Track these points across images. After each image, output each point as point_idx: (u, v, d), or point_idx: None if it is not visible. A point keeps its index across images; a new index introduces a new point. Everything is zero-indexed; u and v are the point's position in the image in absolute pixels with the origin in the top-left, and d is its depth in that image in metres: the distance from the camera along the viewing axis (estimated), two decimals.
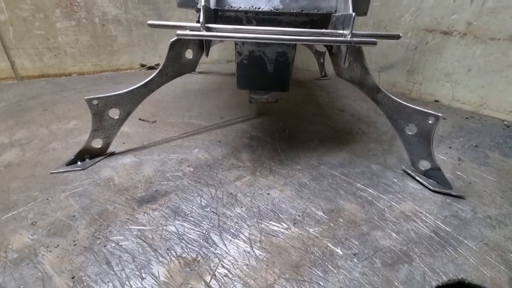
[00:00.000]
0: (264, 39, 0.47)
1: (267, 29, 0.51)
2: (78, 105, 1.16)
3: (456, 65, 1.34)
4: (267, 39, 0.47)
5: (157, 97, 1.31)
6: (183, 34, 0.47)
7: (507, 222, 0.61)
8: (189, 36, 0.48)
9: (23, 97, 1.23)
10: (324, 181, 0.73)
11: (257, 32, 0.50)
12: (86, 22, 1.57)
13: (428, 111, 0.69)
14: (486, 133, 1.09)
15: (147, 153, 0.82)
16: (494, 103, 1.26)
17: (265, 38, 0.47)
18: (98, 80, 1.58)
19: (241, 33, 0.47)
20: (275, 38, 0.47)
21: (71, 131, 0.93)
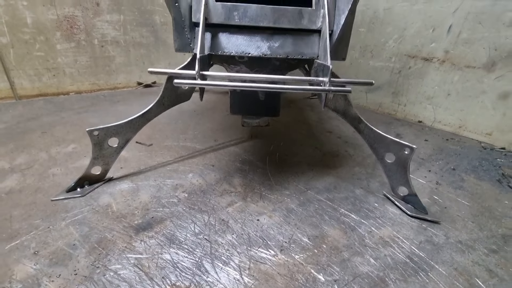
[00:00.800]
0: (254, 87, 0.53)
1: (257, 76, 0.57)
2: (77, 127, 1.20)
3: (437, 89, 1.43)
4: (257, 87, 0.53)
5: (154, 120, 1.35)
6: (180, 82, 0.53)
7: (475, 246, 0.67)
8: (186, 85, 0.54)
9: (22, 118, 1.26)
10: (310, 206, 0.78)
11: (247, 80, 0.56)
12: (85, 44, 1.63)
13: (404, 143, 0.75)
14: (464, 155, 1.17)
15: (144, 178, 0.86)
16: (472, 126, 1.34)
17: (255, 86, 0.53)
18: (95, 99, 1.62)
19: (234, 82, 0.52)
20: (264, 87, 0.53)
21: (70, 155, 0.97)
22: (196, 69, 0.54)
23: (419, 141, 1.30)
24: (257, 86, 0.53)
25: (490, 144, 1.29)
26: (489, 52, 1.23)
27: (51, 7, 1.46)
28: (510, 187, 0.94)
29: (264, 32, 0.63)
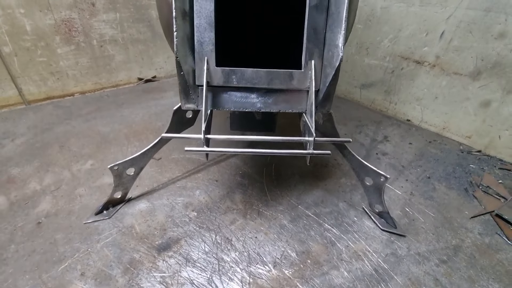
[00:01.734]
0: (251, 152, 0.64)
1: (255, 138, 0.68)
2: (90, 140, 1.31)
3: (426, 91, 1.50)
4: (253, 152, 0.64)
5: (159, 126, 1.45)
6: (190, 150, 0.63)
7: (430, 258, 0.84)
8: (194, 151, 0.65)
9: (37, 130, 1.36)
10: (300, 222, 0.93)
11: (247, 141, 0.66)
12: (84, 45, 1.65)
13: (380, 172, 0.87)
14: (442, 160, 1.29)
15: (158, 197, 1.00)
16: (455, 128, 1.45)
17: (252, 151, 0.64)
18: (100, 101, 1.69)
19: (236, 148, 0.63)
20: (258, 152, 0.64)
21: (90, 173, 1.10)
22: (203, 130, 0.65)
23: (404, 144, 1.42)
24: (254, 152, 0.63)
25: (469, 146, 1.41)
26: (476, 62, 1.28)
27: (48, 12, 1.47)
28: (474, 196, 1.09)
29: (259, 90, 0.71)
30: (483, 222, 0.97)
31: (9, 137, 1.30)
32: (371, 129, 1.55)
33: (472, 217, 0.99)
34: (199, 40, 0.66)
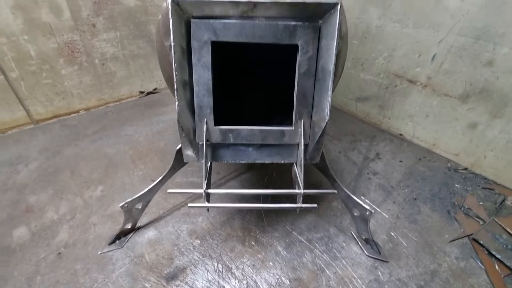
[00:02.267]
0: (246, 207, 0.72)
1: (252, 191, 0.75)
2: (97, 163, 1.39)
3: (418, 109, 1.56)
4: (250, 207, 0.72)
5: (162, 146, 1.53)
6: (193, 206, 0.72)
7: (409, 283, 0.94)
8: (197, 207, 0.73)
9: (48, 153, 1.45)
10: (293, 248, 1.03)
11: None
12: (87, 65, 1.70)
13: (366, 207, 0.95)
14: (429, 180, 1.37)
15: (164, 225, 1.10)
16: (444, 146, 1.52)
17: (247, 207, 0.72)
18: (104, 118, 1.76)
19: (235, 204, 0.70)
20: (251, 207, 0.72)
21: (101, 200, 1.19)
22: (204, 186, 0.73)
23: (395, 162, 1.49)
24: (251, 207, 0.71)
25: (457, 163, 1.48)
26: (465, 86, 1.33)
27: (51, 36, 1.51)
28: (455, 219, 1.18)
29: (254, 145, 0.79)
30: (461, 245, 1.07)
31: (23, 161, 1.38)
32: (365, 145, 1.62)
33: (451, 241, 1.08)
34: (198, 104, 0.72)
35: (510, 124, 1.25)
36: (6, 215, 1.11)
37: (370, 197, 1.27)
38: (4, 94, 1.49)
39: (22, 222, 1.09)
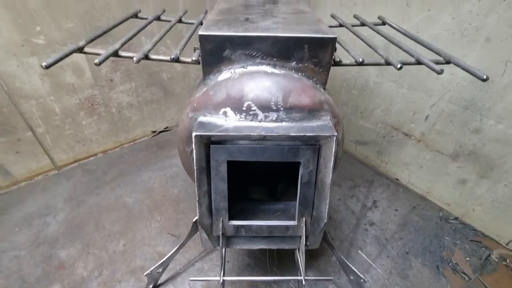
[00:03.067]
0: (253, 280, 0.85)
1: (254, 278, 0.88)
2: (118, 214, 1.53)
3: (412, 160, 1.67)
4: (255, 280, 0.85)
5: (176, 194, 1.66)
6: (196, 279, 0.85)
7: None
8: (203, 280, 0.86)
9: (73, 203, 1.59)
10: None
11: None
12: (105, 114, 1.84)
13: (360, 275, 1.08)
14: (421, 231, 1.49)
15: (181, 282, 1.23)
16: (437, 194, 1.63)
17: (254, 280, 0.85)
18: (120, 162, 1.90)
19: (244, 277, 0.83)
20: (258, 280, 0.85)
21: (123, 255, 1.33)
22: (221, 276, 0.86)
23: (390, 211, 1.61)
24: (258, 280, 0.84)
25: (448, 212, 1.60)
26: (455, 146, 1.44)
27: (74, 94, 1.64)
28: (443, 275, 1.30)
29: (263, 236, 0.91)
30: None
31: (51, 212, 1.53)
32: (363, 191, 1.74)
33: None
34: (215, 207, 0.85)
35: (496, 185, 1.36)
36: (41, 271, 1.26)
37: (366, 250, 1.39)
38: (32, 147, 1.63)
39: (56, 279, 1.23)
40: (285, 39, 0.77)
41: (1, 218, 1.49)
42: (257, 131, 0.76)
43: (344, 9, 1.64)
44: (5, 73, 1.38)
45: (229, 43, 0.78)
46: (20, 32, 1.33)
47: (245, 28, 0.80)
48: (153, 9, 1.69)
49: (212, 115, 0.81)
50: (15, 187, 1.67)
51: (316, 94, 0.82)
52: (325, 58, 0.81)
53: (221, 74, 0.83)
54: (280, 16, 0.96)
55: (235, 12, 1.00)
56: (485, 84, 1.24)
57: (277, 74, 0.81)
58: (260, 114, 0.79)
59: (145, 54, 0.83)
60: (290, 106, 0.79)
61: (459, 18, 1.22)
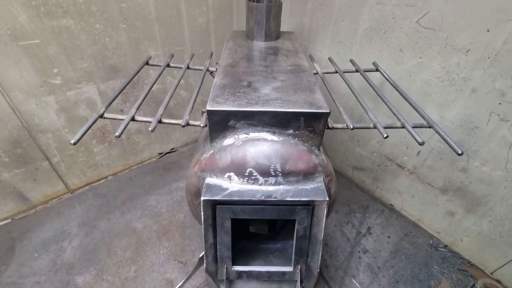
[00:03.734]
0: None
1: None
2: (128, 239, 1.64)
3: (405, 189, 1.77)
4: None
5: (182, 219, 1.77)
6: None
7: None
8: None
9: (86, 228, 1.70)
10: None
11: None
12: (115, 141, 1.94)
13: None
14: (411, 259, 1.59)
15: None
16: (427, 223, 1.73)
17: None
18: (129, 185, 2.01)
19: None
20: None
21: (135, 281, 1.44)
22: None
23: (383, 238, 1.71)
24: None
25: (438, 240, 1.70)
26: (444, 181, 1.54)
27: None
28: None
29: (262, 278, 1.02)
30: None
31: (67, 238, 1.64)
32: (358, 217, 1.84)
33: None
34: (220, 256, 0.96)
35: (481, 220, 1.45)
36: None
37: (359, 278, 1.50)
38: (48, 174, 1.75)
39: None
40: (284, 113, 0.87)
41: (22, 243, 1.61)
42: (258, 195, 0.86)
43: (341, 46, 1.72)
44: (25, 112, 1.49)
45: (234, 116, 0.88)
46: (39, 75, 1.44)
47: (248, 100, 0.90)
48: (160, 45, 1.78)
49: (218, 177, 0.92)
50: (33, 211, 1.79)
51: (311, 159, 0.92)
52: (319, 127, 0.91)
53: (226, 139, 0.93)
54: (280, 78, 1.05)
55: (238, 72, 1.09)
56: (472, 129, 1.33)
57: (276, 141, 0.91)
58: (260, 179, 0.89)
59: (159, 120, 0.94)
60: (288, 172, 0.89)
61: (448, 69, 1.30)
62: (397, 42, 1.44)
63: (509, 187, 1.30)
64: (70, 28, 1.41)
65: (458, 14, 1.18)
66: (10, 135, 1.50)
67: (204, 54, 2.02)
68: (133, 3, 1.54)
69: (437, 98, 1.40)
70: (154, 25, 1.68)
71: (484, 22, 1.13)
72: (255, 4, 1.33)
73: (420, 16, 1.30)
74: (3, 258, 1.53)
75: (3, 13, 1.22)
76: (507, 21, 1.07)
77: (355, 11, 1.55)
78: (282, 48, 1.36)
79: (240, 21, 2.07)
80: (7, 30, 1.26)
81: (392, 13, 1.40)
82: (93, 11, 1.44)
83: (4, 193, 1.65)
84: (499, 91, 1.18)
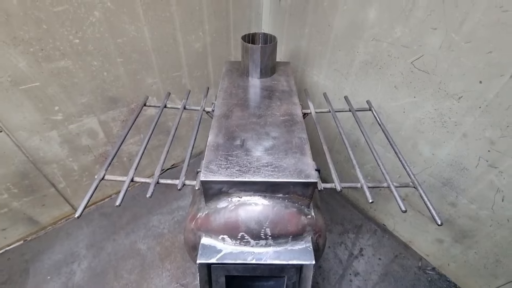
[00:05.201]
0: None
1: None
2: (133, 261, 1.75)
3: (397, 214, 1.83)
4: None
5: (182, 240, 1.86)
6: None
7: None
8: None
9: (94, 250, 1.81)
10: None
11: None
12: (118, 164, 2.01)
13: None
14: (400, 282, 1.68)
15: None
16: (417, 245, 1.81)
17: None
18: (133, 204, 2.10)
19: None
20: None
21: None
22: None
23: (374, 260, 1.80)
24: None
25: (427, 262, 1.78)
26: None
27: (89, 153, 1.81)
28: None
29: None
30: None
31: (76, 260, 1.76)
32: (351, 238, 1.92)
33: None
34: None
35: (467, 250, 1.52)
36: None
37: None
38: (55, 199, 1.84)
39: None
40: (274, 183, 0.92)
41: (35, 265, 1.73)
42: (249, 258, 0.93)
43: (338, 74, 1.72)
44: (30, 147, 1.55)
45: (226, 184, 0.93)
46: (41, 114, 1.48)
47: (240, 167, 0.94)
48: (158, 73, 1.80)
49: (212, 237, 0.98)
50: (43, 232, 1.90)
51: (300, 221, 0.97)
52: (307, 192, 0.95)
53: (220, 202, 0.99)
54: (272, 134, 1.09)
55: (231, 126, 1.12)
56: (461, 169, 1.36)
57: (267, 205, 0.96)
58: (252, 241, 0.96)
59: (156, 181, 0.99)
60: (277, 235, 0.95)
61: (440, 111, 1.31)
62: (392, 79, 1.44)
63: (495, 226, 1.35)
64: (68, 68, 1.44)
65: (451, 63, 1.18)
66: (17, 169, 1.57)
67: (202, 76, 2.03)
68: (129, 38, 1.54)
69: (430, 137, 1.42)
70: (150, 55, 1.69)
71: (477, 73, 1.13)
72: (250, 46, 1.34)
73: (414, 58, 1.30)
74: (19, 282, 1.65)
75: (3, 62, 1.25)
76: (499, 76, 1.08)
77: (351, 43, 1.54)
78: (277, 89, 1.37)
79: (237, 41, 2.05)
80: (8, 78, 1.29)
81: (387, 50, 1.39)
82: (90, 49, 1.45)
83: (15, 219, 1.75)
84: (489, 139, 1.20)
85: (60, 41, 1.35)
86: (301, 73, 1.98)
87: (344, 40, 1.58)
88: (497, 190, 1.27)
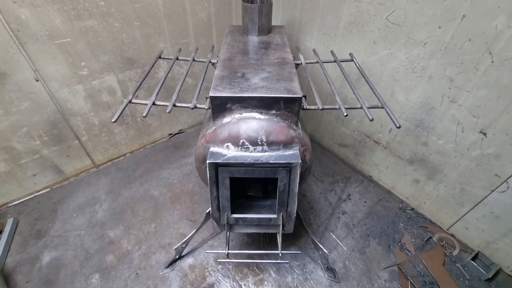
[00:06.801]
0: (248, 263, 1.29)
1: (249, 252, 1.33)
2: (147, 204, 1.99)
3: (381, 162, 2.06)
4: (248, 262, 1.29)
5: (191, 188, 2.11)
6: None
7: None
8: (218, 258, 1.31)
9: (112, 195, 2.05)
10: (281, 272, 1.61)
11: None
12: (132, 123, 2.26)
13: (325, 251, 1.51)
14: (382, 219, 1.91)
15: (198, 254, 1.70)
16: (399, 190, 2.04)
17: (248, 262, 1.29)
18: (145, 161, 2.34)
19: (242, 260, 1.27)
20: (250, 262, 1.29)
21: (155, 234, 1.80)
22: (227, 250, 1.31)
23: (360, 202, 2.03)
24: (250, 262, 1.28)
25: (407, 204, 2.01)
26: (411, 154, 1.82)
27: (108, 110, 2.05)
28: (392, 252, 1.73)
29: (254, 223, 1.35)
30: (391, 272, 1.63)
31: (97, 202, 2.00)
32: (340, 186, 2.15)
33: (385, 268, 1.65)
34: (222, 205, 1.28)
35: (438, 185, 1.75)
36: (98, 245, 1.74)
37: (336, 233, 1.83)
38: (78, 151, 2.08)
39: (109, 251, 1.71)
40: (267, 98, 1.15)
41: (62, 206, 1.97)
42: (248, 159, 1.17)
43: (327, 37, 1.96)
44: (60, 98, 1.79)
45: (230, 100, 1.17)
46: (70, 68, 1.73)
47: (241, 88, 1.18)
48: (168, 38, 2.04)
49: (219, 146, 1.22)
50: (67, 182, 2.15)
51: (289, 132, 1.21)
52: (295, 108, 1.19)
53: (225, 118, 1.22)
54: (267, 69, 1.32)
55: (234, 65, 1.36)
56: (430, 109, 1.59)
57: (262, 119, 1.20)
58: (250, 147, 1.19)
59: (173, 104, 1.23)
60: (271, 142, 1.19)
61: (411, 59, 1.55)
62: (371, 35, 1.68)
63: (458, 156, 1.58)
64: (94, 27, 1.68)
65: (417, 13, 1.42)
66: (48, 118, 1.82)
67: (207, 45, 2.27)
68: (145, 3, 1.79)
69: (404, 84, 1.65)
70: (162, 21, 1.93)
71: (436, 20, 1.37)
72: (249, 5, 1.58)
73: (388, 13, 1.54)
74: (49, 218, 1.89)
75: (43, 18, 1.50)
76: (453, 19, 1.31)
77: (337, 6, 1.78)
78: (272, 42, 1.61)
79: (238, 13, 2.29)
80: (46, 32, 1.54)
81: (366, 9, 1.63)
82: (112, 12, 1.69)
83: (45, 166, 1.99)
84: (449, 77, 1.44)
85: (88, 2, 1.59)
86: (295, 41, 2.22)
87: (331, 5, 1.82)
88: (458, 123, 1.50)
